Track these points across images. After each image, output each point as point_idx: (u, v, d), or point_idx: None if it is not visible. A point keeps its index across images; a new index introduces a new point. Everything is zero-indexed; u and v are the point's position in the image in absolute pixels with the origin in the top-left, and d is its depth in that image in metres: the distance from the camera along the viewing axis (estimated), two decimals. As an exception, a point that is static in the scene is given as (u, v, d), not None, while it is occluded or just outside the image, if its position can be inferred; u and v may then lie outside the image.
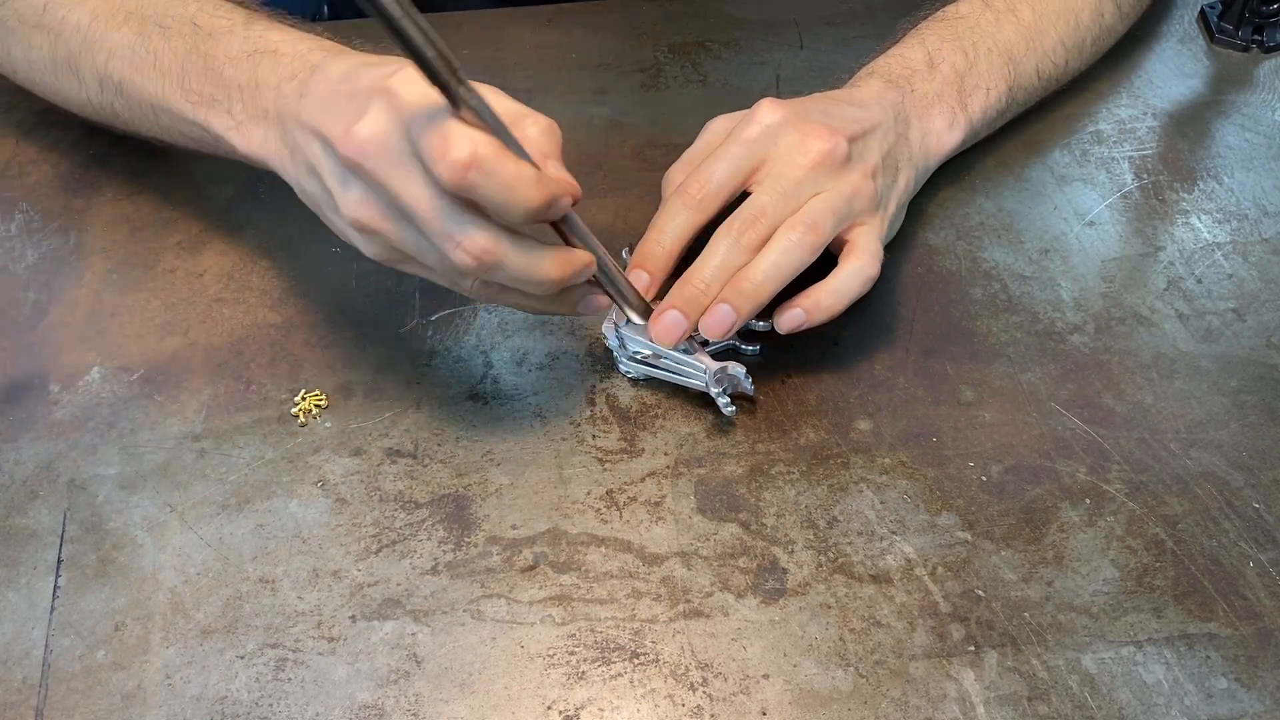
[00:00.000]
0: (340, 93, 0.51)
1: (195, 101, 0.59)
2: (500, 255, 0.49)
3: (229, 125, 0.58)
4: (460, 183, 0.47)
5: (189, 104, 0.60)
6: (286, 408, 0.60)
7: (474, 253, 0.49)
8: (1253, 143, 0.75)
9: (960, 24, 0.70)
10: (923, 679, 0.50)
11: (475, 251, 0.49)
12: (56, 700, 0.49)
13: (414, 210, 0.48)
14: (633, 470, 0.57)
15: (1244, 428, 0.59)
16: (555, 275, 0.51)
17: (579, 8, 0.85)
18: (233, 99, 0.58)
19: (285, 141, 0.55)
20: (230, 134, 0.58)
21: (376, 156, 0.48)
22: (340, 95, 0.51)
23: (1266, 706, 0.49)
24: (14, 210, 0.70)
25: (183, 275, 0.66)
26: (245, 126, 0.58)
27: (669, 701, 0.49)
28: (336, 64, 0.53)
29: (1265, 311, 0.65)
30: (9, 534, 0.55)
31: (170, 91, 0.60)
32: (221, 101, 0.58)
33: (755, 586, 0.53)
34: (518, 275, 0.50)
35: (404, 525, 0.55)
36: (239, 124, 0.58)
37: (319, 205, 0.55)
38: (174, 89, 0.60)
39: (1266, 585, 0.53)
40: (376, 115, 0.48)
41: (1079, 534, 0.55)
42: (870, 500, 0.56)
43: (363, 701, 0.49)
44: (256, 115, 0.57)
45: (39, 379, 0.61)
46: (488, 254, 0.49)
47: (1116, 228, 0.70)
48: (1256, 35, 0.81)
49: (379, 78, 0.49)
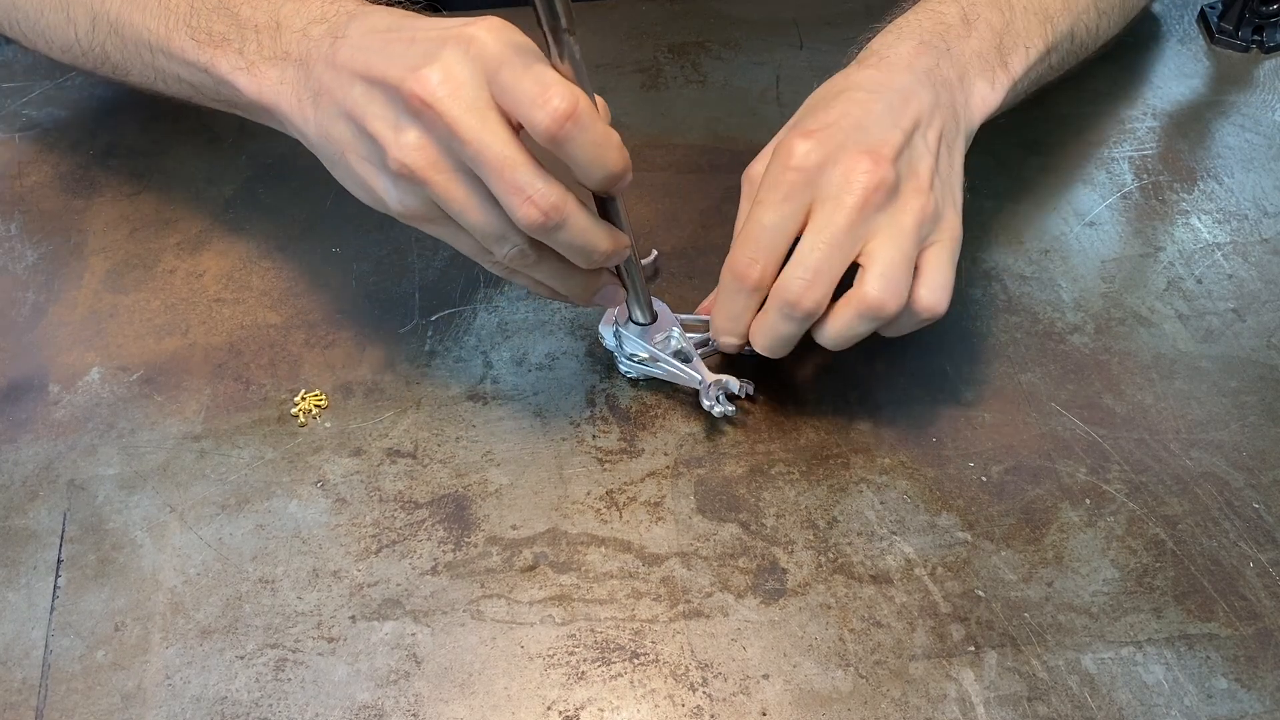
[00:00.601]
0: (394, 39, 0.50)
1: (202, 40, 0.57)
2: (566, 214, 0.48)
3: (237, 65, 0.56)
4: (557, 132, 0.46)
5: (194, 42, 0.57)
6: (286, 408, 0.60)
7: (544, 207, 0.47)
8: (1253, 143, 0.75)
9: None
10: (923, 679, 0.50)
11: (545, 206, 0.47)
12: (56, 700, 0.49)
13: (484, 157, 0.47)
14: (632, 470, 0.57)
15: (1244, 428, 0.59)
16: (605, 247, 0.51)
17: (579, 8, 0.85)
18: (246, 38, 0.56)
19: (307, 85, 0.53)
20: (237, 75, 0.56)
21: (450, 99, 0.47)
22: (395, 42, 0.49)
23: (1266, 707, 0.49)
24: (14, 210, 0.70)
25: (182, 275, 0.66)
26: (258, 67, 0.55)
27: (669, 702, 0.49)
28: (379, 14, 0.52)
29: (1265, 312, 0.65)
30: (9, 534, 0.55)
31: (174, 30, 0.58)
32: (233, 41, 0.56)
33: (755, 587, 0.53)
34: (574, 240, 0.49)
35: (404, 525, 0.55)
36: (250, 64, 0.55)
37: (343, 153, 0.52)
38: (179, 27, 0.58)
39: (1266, 585, 0.53)
40: (452, 59, 0.47)
41: (1079, 534, 0.55)
42: (870, 500, 0.56)
43: (362, 702, 0.49)
44: (273, 56, 0.55)
45: (39, 379, 0.61)
46: (556, 210, 0.48)
47: (1116, 228, 0.70)
48: (1256, 35, 0.81)
49: (449, 26, 0.48)
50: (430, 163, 0.48)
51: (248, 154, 0.74)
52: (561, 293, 0.55)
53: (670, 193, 0.72)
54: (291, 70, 0.54)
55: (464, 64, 0.47)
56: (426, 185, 0.49)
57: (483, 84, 0.47)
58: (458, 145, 0.47)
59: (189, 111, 0.76)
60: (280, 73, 0.54)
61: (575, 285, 0.54)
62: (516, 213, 0.48)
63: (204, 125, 0.76)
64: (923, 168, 0.54)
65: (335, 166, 0.53)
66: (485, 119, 0.47)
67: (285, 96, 0.54)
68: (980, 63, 0.61)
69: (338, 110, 0.51)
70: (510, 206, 0.48)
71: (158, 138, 0.75)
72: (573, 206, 0.49)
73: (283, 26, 0.54)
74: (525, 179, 0.47)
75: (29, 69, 0.79)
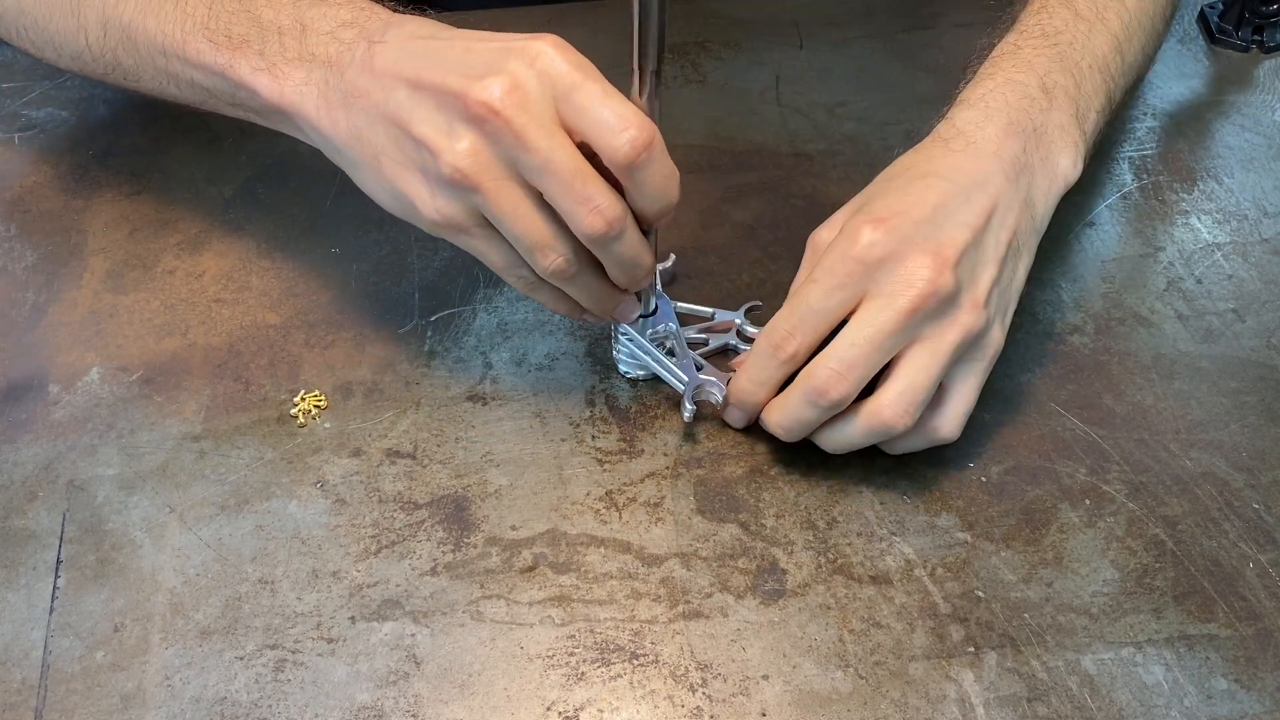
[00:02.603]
0: (444, 48, 0.50)
1: (220, 43, 0.56)
2: (625, 226, 0.50)
3: (258, 67, 0.55)
4: (634, 160, 0.48)
5: (211, 45, 0.56)
6: (286, 408, 0.60)
7: (610, 218, 0.49)
8: (1253, 143, 0.75)
9: (1060, 39, 0.62)
10: (922, 680, 0.50)
11: (611, 217, 0.49)
12: (56, 701, 0.49)
13: (552, 165, 0.48)
14: (632, 471, 0.57)
15: (1244, 428, 0.59)
16: (649, 263, 0.53)
17: (579, 8, 0.85)
18: (268, 40, 0.55)
19: (338, 87, 0.52)
20: (258, 76, 0.55)
21: (516, 109, 0.47)
22: (446, 50, 0.50)
23: (1266, 707, 0.49)
24: (14, 210, 0.70)
25: (182, 275, 0.66)
26: (280, 68, 0.54)
27: (669, 702, 0.49)
28: (416, 22, 0.52)
29: (1265, 312, 0.65)
30: (8, 535, 0.55)
31: (190, 33, 0.57)
32: (253, 43, 0.55)
33: (755, 587, 0.53)
34: (625, 254, 0.51)
35: (403, 526, 0.55)
36: (271, 65, 0.55)
37: (377, 157, 0.52)
38: (196, 31, 0.57)
39: (1266, 586, 0.53)
40: (518, 70, 0.48)
41: (1079, 535, 0.55)
42: (870, 501, 0.56)
43: (362, 702, 0.49)
44: (297, 58, 0.54)
45: (38, 379, 0.61)
46: (619, 221, 0.49)
47: (1116, 228, 0.70)
48: (1256, 35, 0.81)
49: (509, 39, 0.49)
50: (486, 169, 0.49)
51: (248, 154, 0.74)
52: (587, 307, 0.56)
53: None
54: (318, 72, 0.53)
55: (531, 77, 0.48)
56: (478, 191, 0.49)
57: (549, 99, 0.48)
58: (522, 154, 0.48)
59: (189, 112, 0.76)
60: (306, 74, 0.54)
61: (604, 300, 0.55)
62: (582, 222, 0.49)
63: (204, 125, 0.76)
64: (984, 277, 0.53)
65: (362, 170, 0.53)
66: (552, 131, 0.48)
67: (310, 98, 0.54)
68: (1062, 137, 0.59)
69: (376, 114, 0.51)
70: (575, 216, 0.49)
71: (158, 138, 0.75)
72: (630, 220, 0.50)
73: (309, 29, 0.54)
74: (593, 190, 0.49)
75: (29, 69, 0.79)
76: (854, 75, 0.80)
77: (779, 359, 0.54)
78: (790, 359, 0.54)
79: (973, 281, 0.53)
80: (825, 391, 0.52)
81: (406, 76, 0.50)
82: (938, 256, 0.52)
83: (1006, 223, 0.55)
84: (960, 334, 0.52)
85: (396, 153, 0.51)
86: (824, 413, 0.53)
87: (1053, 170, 0.58)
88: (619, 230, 0.50)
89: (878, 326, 0.51)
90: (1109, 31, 0.64)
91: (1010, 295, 0.56)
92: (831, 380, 0.52)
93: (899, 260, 0.52)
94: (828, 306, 0.53)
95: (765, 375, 0.55)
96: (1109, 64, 0.63)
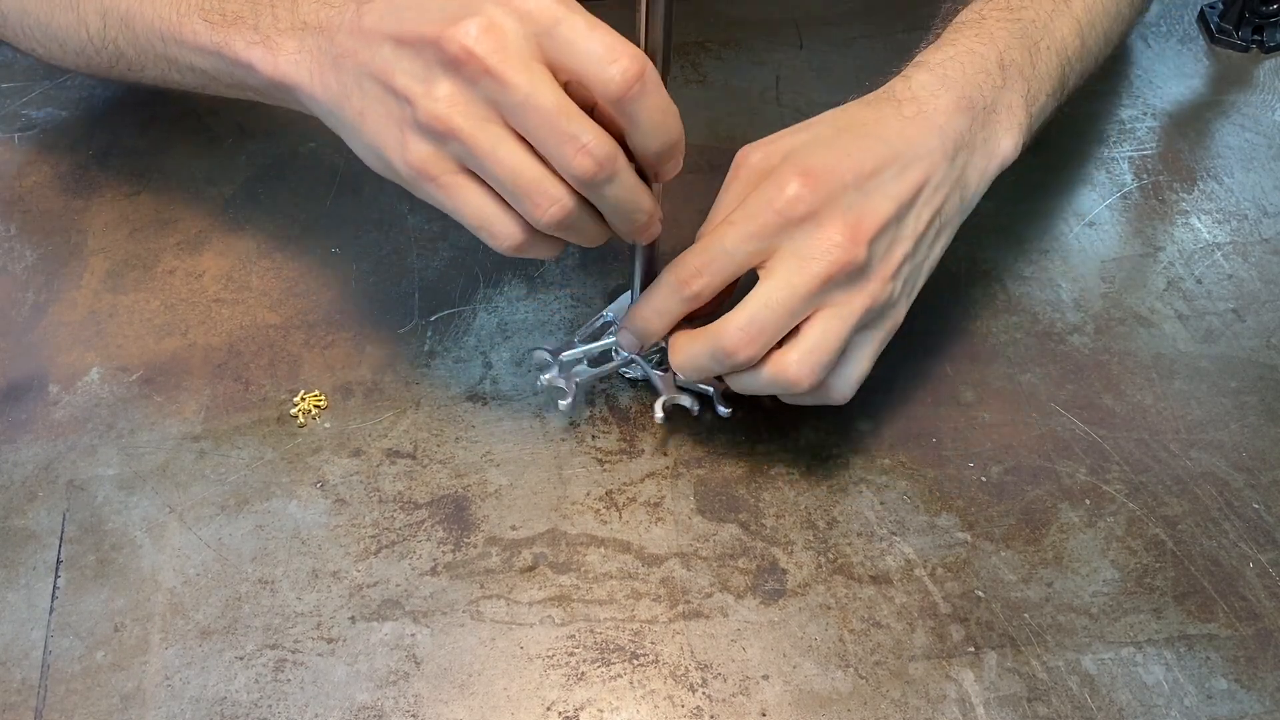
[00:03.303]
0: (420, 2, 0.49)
1: (216, 22, 0.56)
2: (620, 166, 0.48)
3: (252, 40, 0.54)
4: (626, 93, 0.46)
5: (207, 24, 0.56)
6: (286, 408, 0.60)
7: (599, 156, 0.46)
8: (1253, 143, 0.75)
9: (1024, 15, 0.62)
10: (922, 680, 0.50)
11: (601, 155, 0.46)
12: (56, 701, 0.49)
13: (532, 103, 0.46)
14: (632, 471, 0.57)
15: (1244, 428, 0.59)
16: (649, 206, 0.51)
17: (579, 8, 0.85)
18: (261, 14, 0.55)
19: (328, 51, 0.52)
20: (253, 50, 0.54)
21: (493, 51, 0.46)
22: (422, 3, 0.48)
23: (1266, 707, 0.49)
24: (14, 210, 0.70)
25: (182, 275, 0.66)
26: (273, 40, 0.54)
27: (669, 702, 0.49)
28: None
29: (1265, 312, 0.65)
30: (8, 535, 0.55)
31: (186, 15, 0.57)
32: (247, 18, 0.55)
33: (755, 587, 0.53)
34: (622, 196, 0.49)
35: (403, 526, 0.55)
36: (265, 38, 0.54)
37: (360, 113, 0.51)
38: (191, 12, 0.57)
39: (1266, 586, 0.53)
40: (495, 11, 0.46)
41: (1079, 535, 0.55)
42: (870, 501, 0.56)
43: (362, 702, 0.49)
44: (291, 27, 0.53)
45: (38, 379, 0.61)
46: (610, 161, 0.47)
47: (1116, 228, 0.70)
48: (1256, 35, 0.81)
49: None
50: (466, 114, 0.47)
51: (247, 154, 0.74)
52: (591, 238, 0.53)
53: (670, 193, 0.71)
54: (310, 39, 0.53)
55: (508, 16, 0.46)
56: (457, 136, 0.47)
57: (528, 36, 0.46)
58: (502, 94, 0.46)
59: (189, 111, 0.76)
60: (299, 43, 0.53)
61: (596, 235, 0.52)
62: (570, 162, 0.47)
63: (204, 125, 0.76)
64: (898, 253, 0.53)
65: (347, 130, 0.52)
66: (532, 69, 0.46)
67: (303, 66, 0.53)
68: (1009, 117, 0.59)
69: (361, 71, 0.50)
70: (562, 156, 0.47)
71: (157, 138, 0.75)
72: (623, 161, 0.48)
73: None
74: (579, 128, 0.46)
75: (29, 69, 0.79)
76: (854, 75, 0.80)
77: (683, 294, 0.53)
78: (694, 297, 0.53)
79: (886, 256, 0.53)
80: (733, 353, 0.52)
81: (389, 32, 0.49)
82: (856, 229, 0.51)
83: (933, 201, 0.55)
84: (867, 302, 0.52)
85: (380, 108, 0.50)
86: (728, 369, 0.53)
87: (992, 149, 0.58)
88: (610, 171, 0.47)
89: (791, 290, 0.51)
90: (1072, 15, 0.63)
91: (921, 273, 0.56)
92: (741, 342, 0.51)
93: (818, 224, 0.51)
94: (741, 253, 0.52)
95: (666, 307, 0.54)
96: (1067, 47, 0.63)
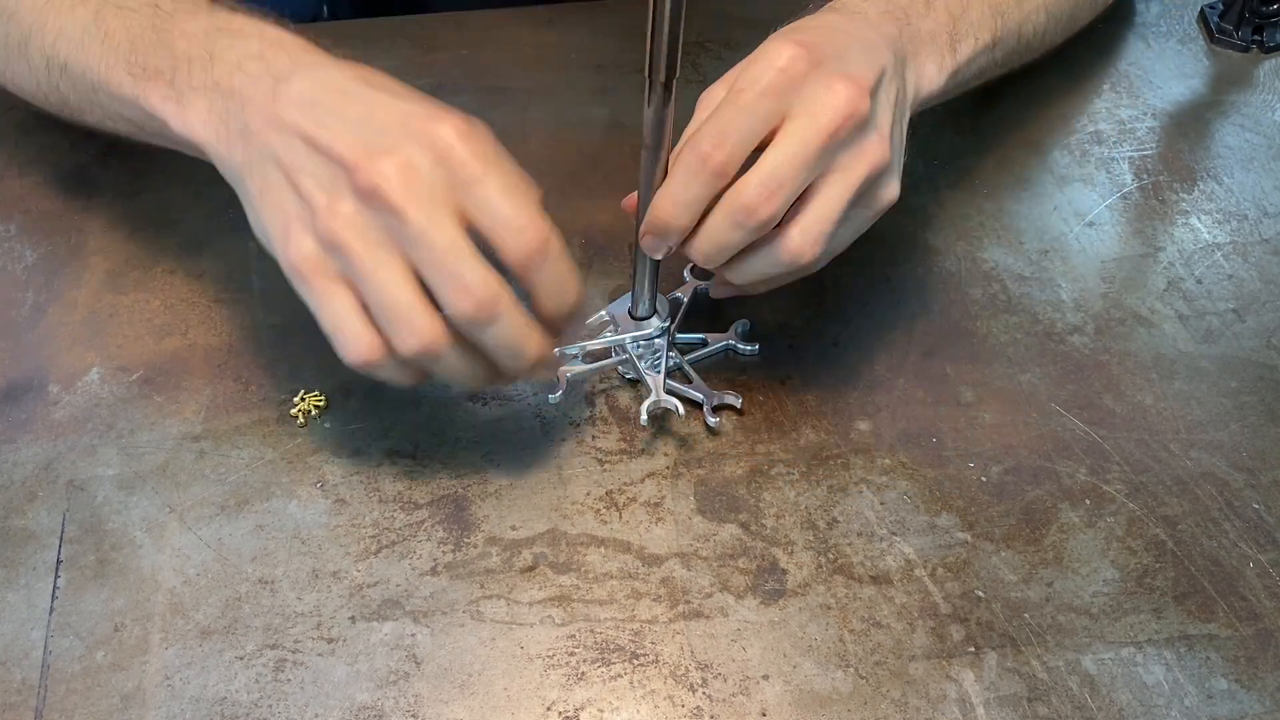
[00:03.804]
0: (346, 106, 0.49)
1: (137, 75, 0.56)
2: (501, 311, 0.48)
3: (167, 95, 0.55)
4: (529, 262, 0.48)
5: (130, 77, 0.56)
6: (286, 408, 0.60)
7: (480, 299, 0.47)
8: (1253, 143, 0.75)
9: None
10: (922, 680, 0.50)
11: (481, 298, 0.47)
12: (56, 701, 0.49)
13: (426, 239, 0.47)
14: (632, 471, 0.57)
15: (1244, 428, 0.59)
16: (534, 353, 0.50)
17: (579, 8, 0.85)
18: (178, 69, 0.55)
19: (239, 118, 0.52)
20: (166, 104, 0.55)
21: (403, 193, 0.47)
22: (347, 111, 0.49)
23: (1266, 707, 0.49)
24: (14, 210, 0.70)
25: (182, 276, 0.66)
26: (186, 97, 0.54)
27: (669, 702, 0.49)
28: (326, 68, 0.51)
29: (1265, 312, 0.65)
30: (8, 535, 0.55)
31: (113, 67, 0.58)
32: (165, 73, 0.55)
33: (755, 587, 0.53)
34: (505, 339, 0.49)
35: (403, 526, 0.55)
36: (179, 94, 0.54)
37: (261, 192, 0.51)
38: (117, 65, 0.57)
39: (1266, 586, 0.53)
40: (414, 154, 0.47)
41: (1079, 535, 0.55)
42: (870, 501, 0.56)
43: (362, 702, 0.49)
44: (202, 86, 0.54)
45: (38, 379, 0.61)
46: (491, 304, 0.48)
47: (1116, 228, 0.70)
48: (1256, 35, 0.81)
49: (411, 114, 0.49)
50: (358, 234, 0.48)
51: (247, 154, 0.74)
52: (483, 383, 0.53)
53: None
54: (221, 101, 0.53)
55: (426, 161, 0.47)
56: (346, 251, 0.48)
57: (443, 184, 0.47)
58: (400, 228, 0.47)
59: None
60: (209, 103, 0.54)
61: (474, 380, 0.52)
62: (451, 300, 0.48)
63: (204, 125, 0.76)
64: (885, 119, 0.53)
65: (244, 199, 0.53)
66: (435, 209, 0.47)
67: (211, 127, 0.54)
68: (932, 44, 0.60)
69: (269, 155, 0.51)
70: (445, 293, 0.48)
71: (157, 138, 0.75)
72: (507, 304, 0.48)
73: (215, 58, 0.54)
74: (466, 269, 0.47)
75: (28, 69, 0.79)
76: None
77: (708, 171, 0.50)
78: (719, 171, 0.50)
79: (879, 117, 0.53)
80: (754, 210, 0.50)
81: (304, 131, 0.49)
82: (856, 82, 0.51)
83: (894, 85, 0.55)
84: (868, 167, 0.52)
85: (279, 195, 0.50)
86: (749, 234, 0.51)
87: (919, 70, 0.59)
88: (490, 314, 0.48)
89: (804, 144, 0.50)
90: None
91: (901, 149, 0.56)
92: (760, 198, 0.50)
93: (819, 80, 0.51)
94: (754, 116, 0.51)
95: (690, 194, 0.51)
96: (1002, 4, 0.65)
